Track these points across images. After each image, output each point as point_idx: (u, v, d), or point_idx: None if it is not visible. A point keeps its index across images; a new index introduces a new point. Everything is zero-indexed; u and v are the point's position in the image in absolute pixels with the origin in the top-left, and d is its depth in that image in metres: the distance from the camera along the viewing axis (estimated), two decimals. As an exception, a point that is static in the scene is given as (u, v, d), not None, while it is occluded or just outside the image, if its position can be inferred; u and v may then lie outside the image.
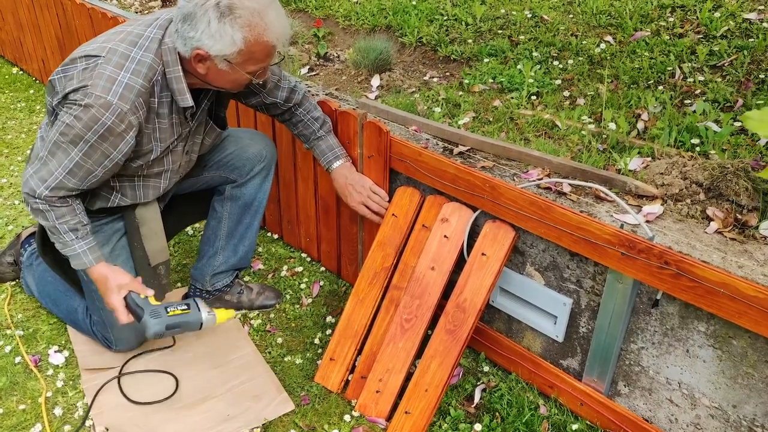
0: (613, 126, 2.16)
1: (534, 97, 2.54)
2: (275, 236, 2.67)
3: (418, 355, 1.84)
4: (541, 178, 1.85)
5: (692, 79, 2.45)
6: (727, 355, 1.47)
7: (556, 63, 2.74)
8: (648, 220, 1.65)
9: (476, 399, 1.86)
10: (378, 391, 1.84)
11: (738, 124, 2.13)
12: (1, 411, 1.84)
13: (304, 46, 3.28)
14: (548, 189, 1.81)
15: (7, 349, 2.06)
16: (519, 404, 1.81)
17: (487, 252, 1.78)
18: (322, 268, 2.48)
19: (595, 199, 1.76)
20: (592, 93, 2.48)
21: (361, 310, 1.97)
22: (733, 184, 1.71)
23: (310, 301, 2.31)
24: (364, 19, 3.36)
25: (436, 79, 2.84)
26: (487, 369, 1.96)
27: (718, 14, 2.82)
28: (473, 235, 1.84)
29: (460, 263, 1.84)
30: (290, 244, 2.62)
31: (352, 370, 1.95)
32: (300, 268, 2.47)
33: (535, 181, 1.83)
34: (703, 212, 1.68)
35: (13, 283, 2.36)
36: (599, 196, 1.76)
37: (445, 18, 3.24)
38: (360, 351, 1.95)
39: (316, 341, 2.12)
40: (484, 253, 1.78)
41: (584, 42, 2.83)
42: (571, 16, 3.11)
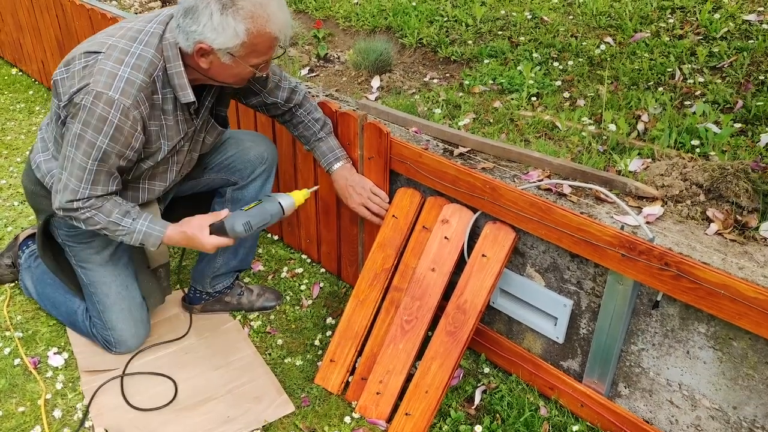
0: (613, 127, 2.16)
1: (534, 99, 2.54)
2: (275, 237, 2.67)
3: (419, 356, 1.84)
4: (542, 180, 1.85)
5: (692, 81, 2.45)
6: (728, 357, 1.47)
7: (556, 64, 2.74)
8: (648, 222, 1.65)
9: (477, 400, 1.85)
10: (378, 393, 1.83)
11: (738, 126, 2.13)
12: (0, 413, 1.83)
13: (304, 47, 3.28)
14: (548, 190, 1.80)
15: (7, 351, 2.06)
16: (519, 405, 1.81)
17: (487, 253, 1.78)
18: (322, 270, 2.47)
19: (595, 200, 1.76)
20: (592, 94, 2.48)
21: (362, 312, 1.97)
22: (733, 186, 1.71)
23: (311, 302, 2.30)
24: (364, 21, 3.36)
25: (437, 81, 2.84)
26: (487, 370, 1.96)
27: (717, 15, 2.83)
28: (473, 236, 1.84)
29: (460, 264, 1.84)
30: (290, 245, 2.62)
31: (353, 372, 1.94)
32: (300, 270, 2.47)
33: (536, 182, 1.83)
34: (703, 213, 1.68)
35: (12, 284, 2.36)
36: (599, 198, 1.76)
37: (445, 19, 3.24)
38: (360, 352, 1.95)
39: (317, 343, 2.11)
40: (484, 255, 1.78)
41: (584, 43, 2.84)
42: (571, 18, 3.11)
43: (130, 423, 1.81)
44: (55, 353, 2.04)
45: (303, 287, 2.38)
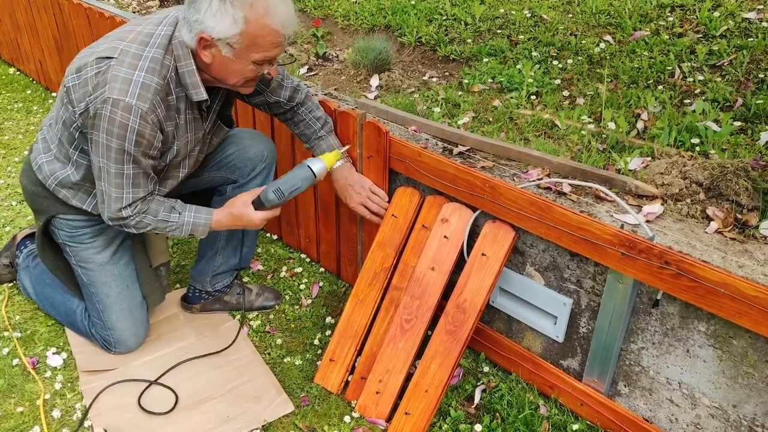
0: (613, 126, 2.16)
1: (533, 97, 2.53)
2: (274, 237, 2.66)
3: (418, 355, 1.84)
4: (541, 178, 1.84)
5: (692, 79, 2.45)
6: (728, 355, 1.46)
7: (556, 63, 2.74)
8: (648, 220, 1.65)
9: (476, 399, 1.85)
10: (378, 392, 1.83)
11: (738, 124, 2.13)
12: (-1, 413, 1.83)
13: (303, 46, 3.27)
14: (548, 189, 1.80)
15: (5, 351, 2.05)
16: (519, 404, 1.80)
17: (487, 252, 1.77)
18: (321, 269, 2.47)
19: (595, 199, 1.76)
20: (592, 93, 2.48)
21: (361, 311, 1.97)
22: (733, 184, 1.71)
23: (310, 301, 2.30)
24: (363, 19, 3.35)
25: (436, 79, 2.83)
26: (487, 369, 1.96)
27: (717, 14, 2.82)
28: (473, 235, 1.84)
29: (460, 263, 1.84)
30: (289, 244, 2.61)
31: (352, 371, 1.94)
32: (299, 269, 2.46)
33: (535, 181, 1.83)
34: (703, 212, 1.68)
35: (11, 284, 2.35)
36: (599, 196, 1.76)
37: (444, 18, 3.24)
38: (360, 352, 1.95)
39: (316, 342, 2.11)
40: (484, 254, 1.78)
41: (583, 42, 2.83)
42: (571, 16, 3.11)
43: (129, 423, 1.81)
44: (53, 353, 2.04)
45: (302, 286, 2.37)
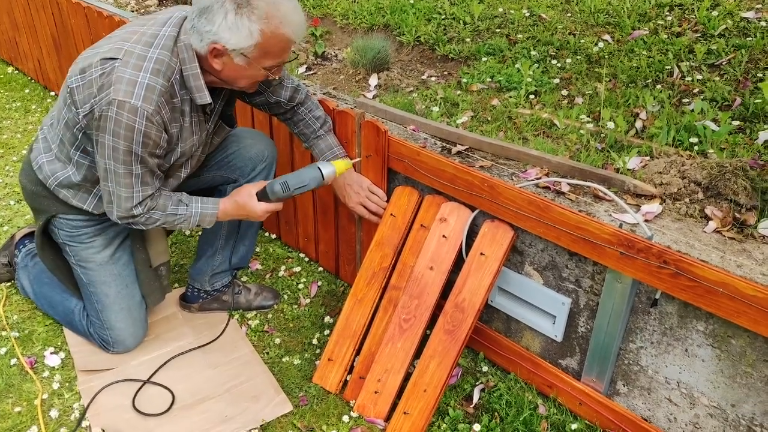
0: (612, 125, 2.16)
1: (532, 96, 2.53)
2: (273, 236, 2.66)
3: (417, 355, 1.83)
4: (540, 178, 1.84)
5: (690, 78, 2.45)
6: (726, 355, 1.46)
7: (555, 62, 2.74)
8: (647, 220, 1.65)
9: (475, 399, 1.85)
10: (376, 392, 1.83)
11: (736, 123, 2.13)
12: (-3, 413, 1.83)
13: (301, 45, 3.27)
14: (547, 188, 1.80)
15: (3, 350, 2.05)
16: (518, 404, 1.80)
17: (485, 252, 1.77)
18: (320, 269, 2.47)
19: (593, 198, 1.76)
20: (591, 92, 2.48)
21: (360, 310, 1.97)
22: (731, 183, 1.71)
23: (308, 301, 2.30)
24: (362, 18, 3.35)
25: (434, 78, 2.83)
26: (485, 369, 1.96)
27: (716, 13, 2.82)
28: (472, 234, 1.84)
29: (458, 263, 1.83)
30: (288, 244, 2.61)
31: (351, 371, 1.94)
32: (298, 269, 2.46)
33: (534, 180, 1.83)
34: (701, 211, 1.68)
35: (9, 284, 2.35)
36: (598, 196, 1.76)
37: (443, 17, 3.24)
38: (358, 351, 1.95)
39: (314, 341, 2.11)
40: (482, 253, 1.78)
41: (582, 41, 2.83)
42: (569, 15, 3.11)
43: (127, 423, 1.81)
44: (51, 353, 2.04)
45: (301, 286, 2.37)
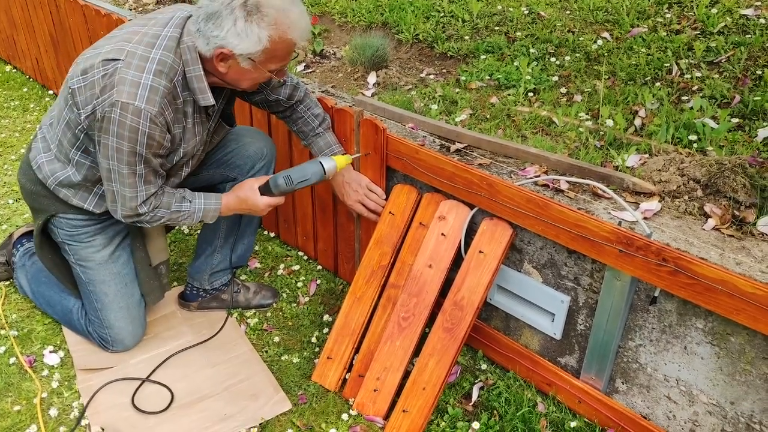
0: (611, 123, 2.16)
1: (531, 94, 2.53)
2: (272, 234, 2.66)
3: (416, 353, 1.83)
4: (539, 176, 1.84)
5: (689, 76, 2.44)
6: (725, 352, 1.46)
7: (553, 59, 2.73)
8: (646, 217, 1.65)
9: (474, 397, 1.85)
10: (375, 390, 1.83)
11: (735, 121, 2.13)
12: (-4, 412, 1.83)
13: (299, 44, 3.26)
14: (546, 186, 1.80)
15: (2, 349, 2.05)
16: (517, 402, 1.80)
17: (484, 250, 1.77)
18: (318, 267, 2.47)
19: (592, 196, 1.76)
20: (589, 90, 2.47)
21: (359, 309, 1.97)
22: (730, 181, 1.71)
23: (307, 299, 2.30)
24: (360, 16, 3.34)
25: (433, 76, 2.83)
26: (485, 367, 1.96)
27: (715, 10, 2.82)
28: (471, 232, 1.83)
29: (457, 261, 1.83)
30: (287, 242, 2.61)
31: (350, 369, 1.94)
32: (297, 267, 2.46)
33: (533, 178, 1.83)
34: (700, 209, 1.68)
35: (8, 283, 2.34)
36: (597, 193, 1.76)
37: (442, 15, 3.23)
38: (357, 349, 1.95)
39: (313, 340, 2.11)
40: (481, 251, 1.77)
41: (581, 38, 2.83)
42: (568, 13, 3.10)
43: (126, 421, 1.80)
44: (50, 352, 2.04)
45: (300, 284, 2.37)
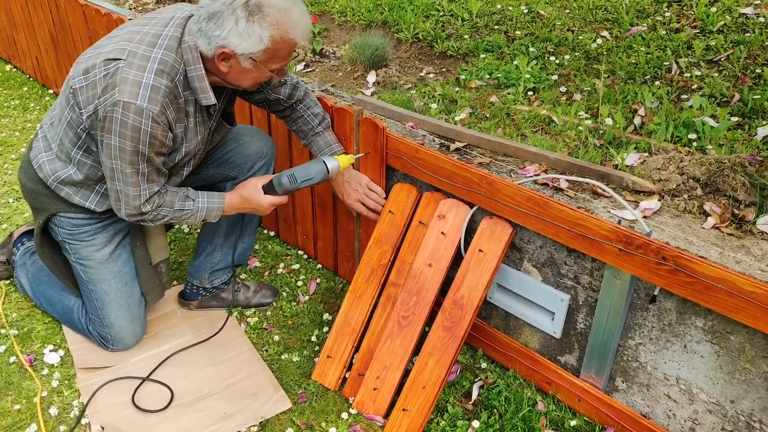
0: (610, 121, 2.16)
1: (530, 93, 2.53)
2: (271, 233, 2.66)
3: (416, 352, 1.83)
4: (538, 174, 1.84)
5: (689, 74, 2.44)
6: (725, 351, 1.47)
7: (553, 58, 2.73)
8: (645, 216, 1.65)
9: (474, 395, 1.85)
10: (375, 389, 1.83)
11: (735, 119, 2.13)
12: (-4, 411, 1.83)
13: (300, 43, 3.26)
14: (545, 185, 1.80)
15: (2, 348, 2.05)
16: (517, 401, 1.80)
17: (484, 248, 1.77)
18: (318, 266, 2.47)
19: (592, 194, 1.76)
20: (589, 88, 2.47)
21: (358, 307, 1.97)
22: (730, 179, 1.71)
23: (307, 298, 2.30)
24: (360, 15, 3.34)
25: (433, 75, 2.83)
26: (484, 365, 1.96)
27: (714, 9, 2.82)
28: (470, 231, 1.83)
29: (457, 260, 1.83)
30: (287, 241, 2.61)
31: (350, 368, 1.94)
32: (297, 266, 2.46)
33: (532, 177, 1.83)
34: (700, 207, 1.68)
35: (8, 282, 2.35)
36: (596, 192, 1.76)
37: (441, 14, 3.23)
38: (357, 348, 1.95)
39: (313, 339, 2.11)
40: (481, 250, 1.78)
41: (581, 37, 2.83)
42: (568, 12, 3.10)
43: (127, 420, 1.81)
44: (50, 350, 2.04)
45: (300, 283, 2.37)
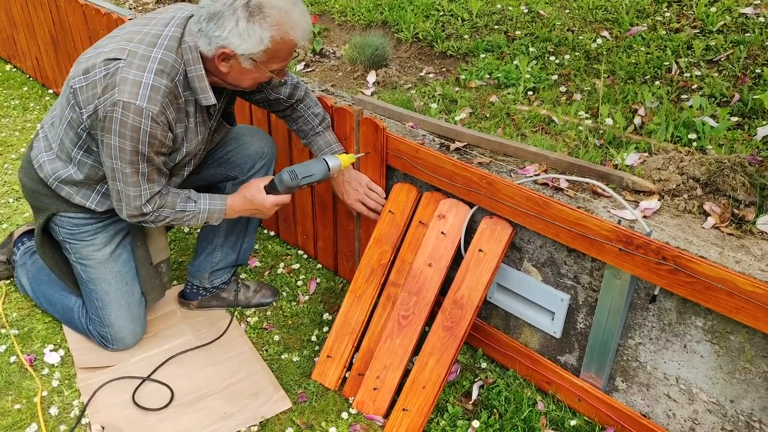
0: (610, 121, 2.16)
1: (530, 93, 2.53)
2: (272, 233, 2.66)
3: (416, 351, 1.84)
4: (538, 174, 1.84)
5: (689, 74, 2.44)
6: (725, 351, 1.47)
7: (553, 58, 2.73)
8: (645, 216, 1.65)
9: (474, 395, 1.85)
10: (375, 389, 1.83)
11: (735, 119, 2.13)
12: (-4, 411, 1.83)
13: (301, 43, 3.26)
14: (545, 185, 1.80)
15: (2, 348, 2.05)
16: (517, 400, 1.81)
17: (484, 248, 1.77)
18: (318, 266, 2.47)
19: (592, 194, 1.76)
20: (589, 88, 2.47)
21: (358, 307, 1.97)
22: (730, 179, 1.71)
23: (307, 298, 2.30)
24: (360, 15, 3.34)
25: (433, 75, 2.83)
26: (484, 365, 1.96)
27: (714, 9, 2.82)
28: (470, 231, 1.83)
29: (457, 260, 1.83)
30: (287, 241, 2.61)
31: (350, 368, 1.94)
32: (297, 266, 2.46)
33: (532, 176, 1.83)
34: (700, 207, 1.68)
35: (8, 281, 2.35)
36: (596, 192, 1.76)
37: (441, 13, 3.23)
38: (357, 348, 1.95)
39: (313, 338, 2.11)
40: (481, 250, 1.78)
41: (581, 37, 2.83)
42: (567, 11, 3.10)
43: (127, 420, 1.81)
44: (51, 350, 2.04)
45: (299, 283, 2.37)
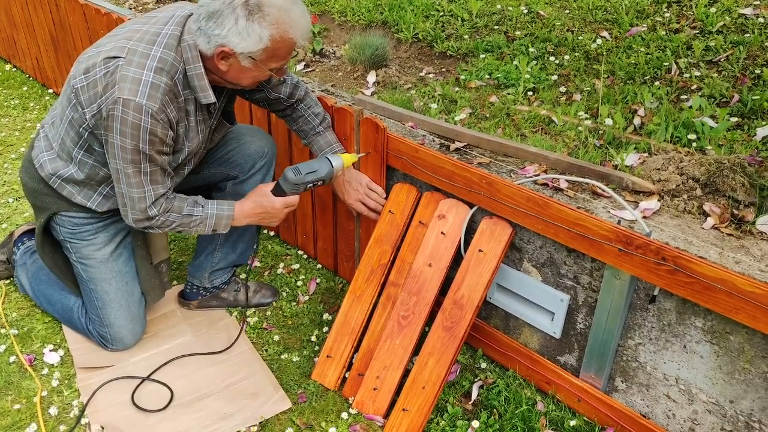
0: (610, 122, 2.16)
1: (530, 93, 2.53)
2: (271, 233, 2.66)
3: (416, 352, 1.84)
4: (538, 174, 1.84)
5: (688, 75, 2.45)
6: (725, 351, 1.47)
7: (553, 59, 2.73)
8: (645, 216, 1.65)
9: (474, 395, 1.85)
10: (375, 389, 1.83)
11: (734, 120, 2.13)
12: (-4, 410, 1.83)
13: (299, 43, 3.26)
14: (545, 185, 1.80)
15: (2, 348, 2.05)
16: (516, 401, 1.81)
17: (484, 248, 1.77)
18: (318, 266, 2.47)
19: (592, 195, 1.76)
20: (589, 89, 2.48)
21: (358, 307, 1.97)
22: (729, 180, 1.71)
23: (307, 298, 2.30)
24: (360, 15, 3.34)
25: (432, 75, 2.83)
26: (484, 365, 1.96)
27: (714, 9, 2.82)
28: (470, 231, 1.84)
29: (457, 260, 1.84)
30: (286, 241, 2.61)
31: (349, 368, 1.94)
32: (296, 266, 2.46)
33: (532, 177, 1.83)
34: (699, 208, 1.68)
35: (8, 281, 2.35)
36: (596, 192, 1.76)
37: (441, 14, 3.23)
38: (357, 348, 1.95)
39: (313, 339, 2.11)
40: (481, 250, 1.78)
41: (580, 37, 2.83)
42: (567, 12, 3.10)
43: (126, 420, 1.81)
44: (50, 350, 2.04)
45: (299, 283, 2.37)
